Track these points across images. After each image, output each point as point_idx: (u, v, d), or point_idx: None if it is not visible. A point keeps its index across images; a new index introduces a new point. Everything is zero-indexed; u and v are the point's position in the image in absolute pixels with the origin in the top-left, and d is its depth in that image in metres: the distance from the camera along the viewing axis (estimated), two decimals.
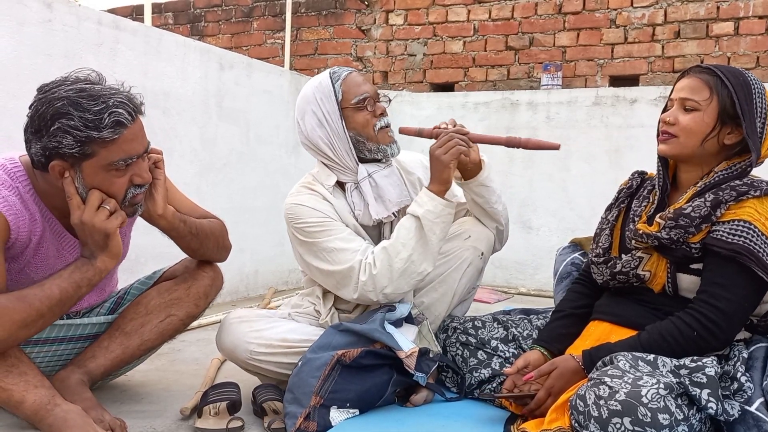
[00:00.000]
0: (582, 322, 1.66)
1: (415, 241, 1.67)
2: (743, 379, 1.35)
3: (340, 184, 1.83)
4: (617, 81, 4.25)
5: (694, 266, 1.48)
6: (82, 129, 1.33)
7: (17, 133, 2.29)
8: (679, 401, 1.24)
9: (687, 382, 1.27)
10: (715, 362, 1.32)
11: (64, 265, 1.47)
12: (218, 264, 1.80)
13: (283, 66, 4.22)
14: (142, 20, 3.24)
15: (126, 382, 1.89)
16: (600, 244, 1.65)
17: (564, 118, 3.89)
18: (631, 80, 4.21)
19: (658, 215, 1.52)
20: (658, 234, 1.48)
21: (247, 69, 3.39)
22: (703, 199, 1.47)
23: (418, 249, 1.68)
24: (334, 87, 1.77)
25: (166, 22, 5.52)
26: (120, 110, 1.36)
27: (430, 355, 1.68)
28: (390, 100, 1.86)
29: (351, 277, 1.68)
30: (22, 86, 2.28)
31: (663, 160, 1.60)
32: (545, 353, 1.61)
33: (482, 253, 1.88)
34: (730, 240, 1.41)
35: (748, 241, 1.40)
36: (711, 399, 1.24)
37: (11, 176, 1.43)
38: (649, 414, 1.19)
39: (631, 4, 4.21)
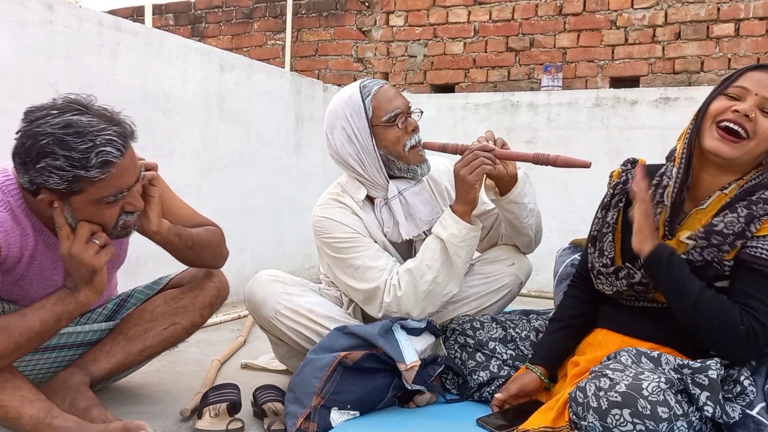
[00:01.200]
0: (581, 332, 1.61)
1: (440, 264, 1.66)
2: (746, 383, 1.34)
3: (370, 199, 1.80)
4: (618, 82, 4.25)
5: (720, 284, 1.39)
6: (68, 169, 1.27)
7: None
8: (679, 397, 1.24)
9: (689, 381, 1.26)
10: (719, 365, 1.30)
11: (48, 292, 1.44)
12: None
13: (283, 67, 4.22)
14: (142, 21, 3.24)
15: (126, 383, 1.89)
16: (606, 254, 1.53)
17: (564, 120, 3.89)
18: (632, 81, 4.20)
19: (685, 235, 1.40)
20: (690, 257, 1.38)
21: (247, 70, 3.39)
22: (735, 215, 1.36)
23: (443, 271, 1.67)
24: (364, 103, 1.73)
25: (167, 23, 5.52)
26: (108, 149, 1.28)
27: (438, 360, 1.68)
28: (422, 112, 1.81)
29: (376, 296, 1.69)
30: (23, 87, 2.28)
31: (688, 159, 1.42)
32: (542, 376, 1.56)
33: (522, 282, 1.92)
34: None
35: None
36: (709, 402, 1.24)
37: (2, 190, 1.39)
38: (648, 406, 1.19)
39: (632, 6, 4.21)
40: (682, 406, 1.23)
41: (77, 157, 1.26)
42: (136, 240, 1.78)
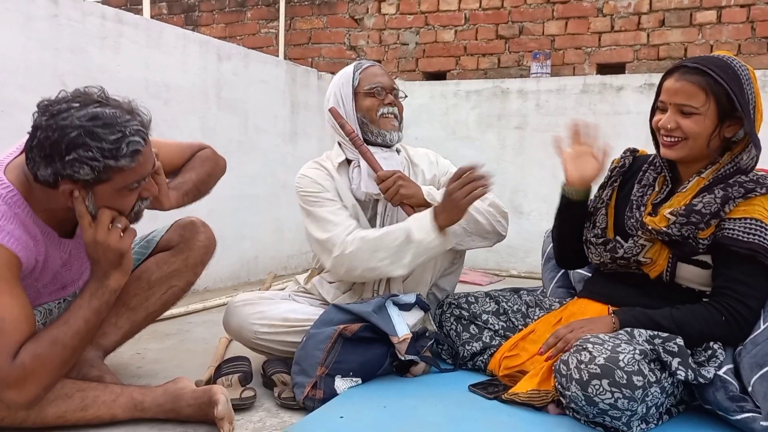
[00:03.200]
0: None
1: (395, 251, 1.76)
2: (716, 346, 1.48)
3: (348, 162, 1.99)
4: (604, 69, 4.36)
5: (696, 258, 1.55)
6: (99, 159, 1.30)
7: (28, 125, 2.38)
8: (652, 366, 1.37)
9: (660, 350, 1.39)
10: None
11: (61, 286, 1.48)
12: (218, 248, 1.86)
13: (277, 55, 4.29)
14: (136, 10, 3.31)
15: (140, 360, 2.00)
16: (597, 224, 1.72)
17: (553, 106, 4.01)
18: (618, 68, 4.32)
19: (668, 210, 1.56)
20: (669, 230, 1.53)
21: (244, 60, 3.47)
22: (713, 196, 1.51)
23: (395, 259, 1.77)
24: (354, 75, 2.00)
25: (161, 12, 5.57)
26: (137, 138, 1.34)
27: (427, 334, 1.80)
28: (406, 96, 2.06)
29: (329, 247, 1.83)
30: (31, 80, 2.37)
31: (668, 162, 1.63)
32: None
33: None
34: (746, 239, 1.47)
35: (762, 239, 1.46)
36: (680, 367, 1.37)
37: (8, 203, 1.38)
38: (624, 376, 1.31)
39: None
40: (655, 374, 1.36)
41: (108, 147, 1.30)
42: (142, 227, 1.83)
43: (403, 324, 1.73)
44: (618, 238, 1.66)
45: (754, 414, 1.35)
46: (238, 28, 5.37)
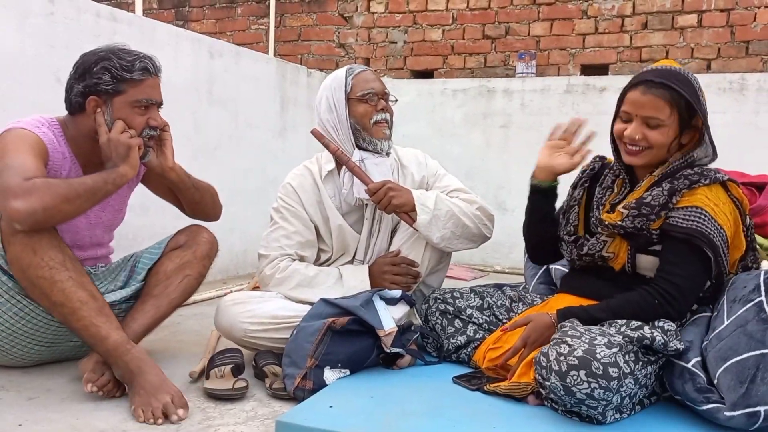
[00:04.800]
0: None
1: (322, 290, 1.95)
2: (661, 323, 1.57)
3: (339, 167, 2.05)
4: (588, 69, 4.45)
5: (652, 248, 1.66)
6: (118, 69, 1.73)
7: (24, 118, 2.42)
8: (627, 358, 1.45)
9: (629, 332, 1.49)
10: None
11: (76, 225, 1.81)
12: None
13: (267, 52, 4.33)
14: (127, 5, 3.34)
15: None
16: (570, 222, 1.83)
17: (537, 105, 4.09)
18: (601, 69, 4.41)
19: (621, 205, 1.69)
20: (623, 224, 1.65)
21: (235, 57, 3.52)
22: (660, 189, 1.64)
23: (313, 294, 1.94)
24: (346, 80, 2.05)
25: (151, 7, 5.58)
26: (147, 61, 1.78)
27: (412, 328, 1.88)
28: (396, 100, 2.10)
29: (263, 264, 2.04)
30: (27, 75, 2.41)
31: (626, 168, 1.74)
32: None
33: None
34: (684, 225, 1.59)
35: (700, 224, 1.58)
36: (652, 331, 1.48)
37: (49, 124, 1.79)
38: (601, 368, 1.39)
39: None
40: (629, 366, 1.44)
41: (125, 64, 1.74)
42: (134, 220, 1.93)
43: (389, 318, 1.80)
44: (586, 236, 1.78)
45: (718, 405, 1.44)
46: (228, 24, 5.40)
